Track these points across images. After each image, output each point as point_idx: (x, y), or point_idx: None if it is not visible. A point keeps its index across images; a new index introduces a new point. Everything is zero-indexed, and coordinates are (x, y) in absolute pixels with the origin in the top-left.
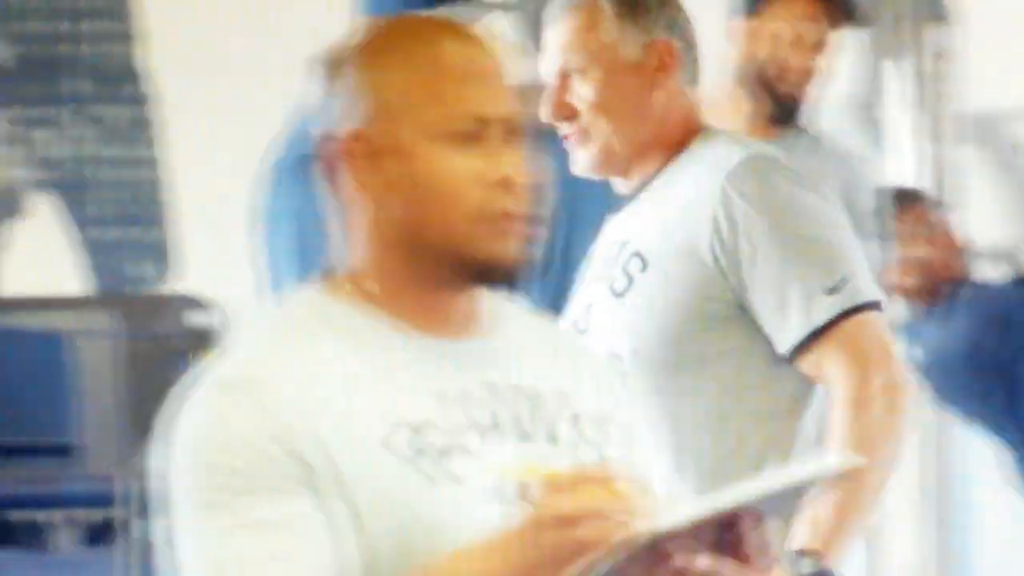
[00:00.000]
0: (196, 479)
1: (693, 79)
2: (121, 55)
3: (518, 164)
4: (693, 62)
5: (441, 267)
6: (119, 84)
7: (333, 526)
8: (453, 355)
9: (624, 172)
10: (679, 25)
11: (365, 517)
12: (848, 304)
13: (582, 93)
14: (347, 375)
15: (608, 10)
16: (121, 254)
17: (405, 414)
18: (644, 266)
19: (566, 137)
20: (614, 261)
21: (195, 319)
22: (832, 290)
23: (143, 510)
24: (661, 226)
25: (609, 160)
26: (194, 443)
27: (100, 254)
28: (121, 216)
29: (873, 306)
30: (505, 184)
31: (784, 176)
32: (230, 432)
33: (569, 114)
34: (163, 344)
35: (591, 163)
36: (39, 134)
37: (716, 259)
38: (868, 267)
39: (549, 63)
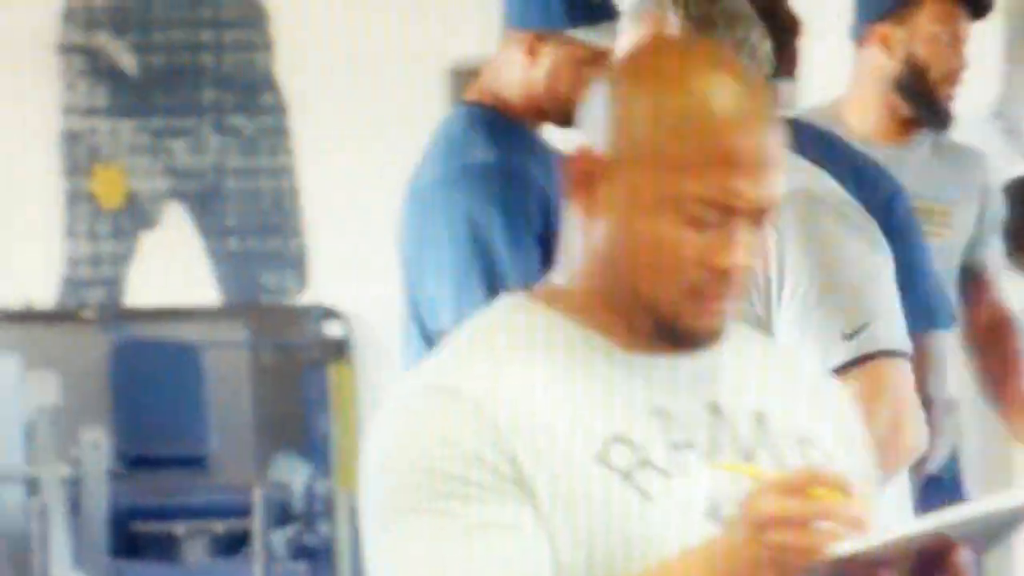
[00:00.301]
0: (404, 484)
1: None
2: (259, 65)
3: (747, 250)
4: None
5: (642, 317)
6: (256, 94)
7: (545, 534)
8: (668, 372)
9: None
10: (748, 43)
11: (574, 527)
12: (863, 351)
13: None
14: (561, 388)
15: (673, 24)
16: (256, 264)
17: (620, 429)
18: None
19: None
20: None
21: (329, 330)
22: (850, 336)
23: (275, 520)
24: None
25: None
26: (402, 449)
27: (235, 264)
28: (257, 226)
29: (892, 354)
30: (729, 271)
31: (826, 213)
32: (443, 437)
33: None
34: (297, 355)
35: None
36: (176, 144)
37: (772, 286)
38: (896, 314)
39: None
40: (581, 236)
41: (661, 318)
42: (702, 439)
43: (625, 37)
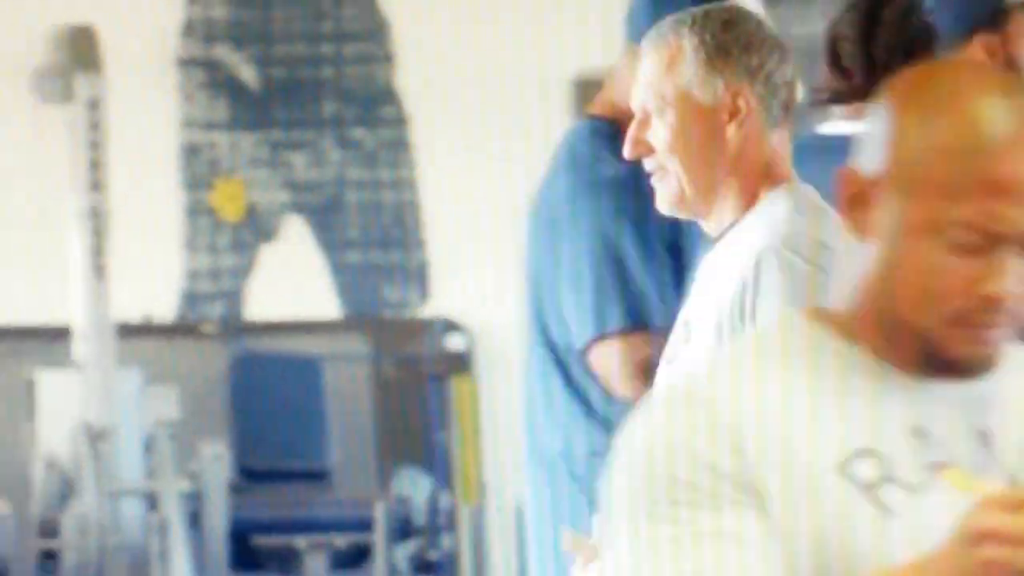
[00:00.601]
0: (640, 489)
1: (777, 123)
2: (379, 77)
3: (1015, 278)
4: (780, 105)
5: (910, 342)
6: (377, 106)
7: (776, 544)
8: (934, 396)
9: (699, 214)
10: (764, 71)
11: (806, 536)
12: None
13: (659, 132)
14: (813, 398)
15: (688, 51)
16: (377, 277)
17: (869, 443)
18: (687, 337)
19: (650, 173)
20: (678, 324)
21: (450, 343)
22: None
23: (396, 535)
24: (705, 296)
25: (682, 201)
26: (641, 454)
27: (356, 277)
28: (378, 239)
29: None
30: (995, 299)
31: (802, 264)
32: (678, 444)
33: (646, 151)
34: (418, 368)
35: (667, 202)
36: (296, 157)
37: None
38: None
39: (635, 97)
40: (854, 258)
41: (927, 345)
42: (964, 463)
43: (645, 63)
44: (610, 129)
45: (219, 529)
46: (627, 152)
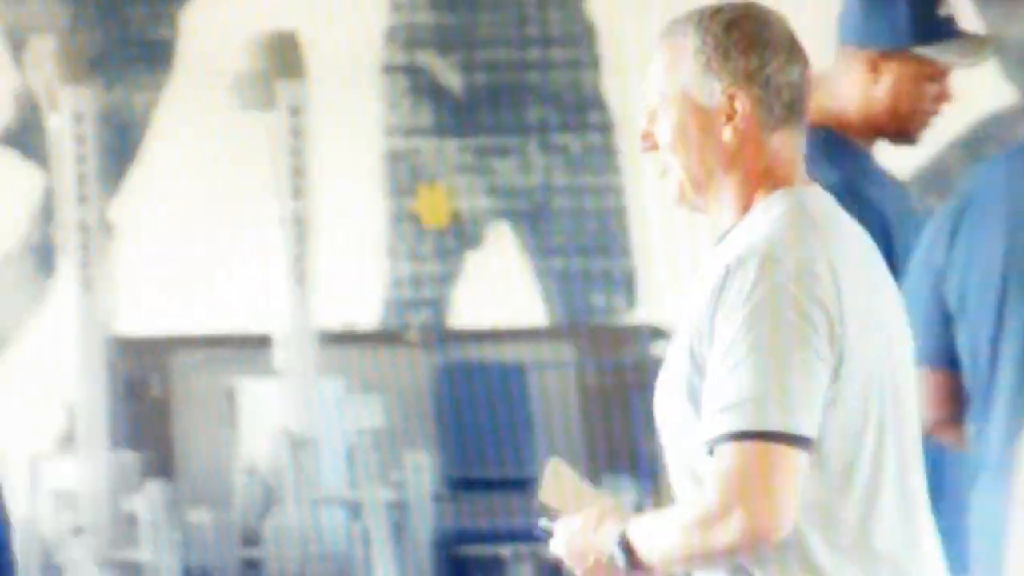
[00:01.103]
0: None
1: (779, 125)
2: (586, 82)
3: None
4: (783, 106)
5: None
6: (583, 112)
7: None
8: None
9: (701, 211)
10: (765, 72)
11: None
12: (730, 428)
13: (662, 130)
14: None
15: (689, 51)
16: (584, 284)
17: None
18: (673, 338)
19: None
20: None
21: (657, 350)
22: (724, 409)
23: None
24: (690, 298)
25: (683, 198)
26: None
27: (562, 284)
28: (584, 246)
29: (774, 437)
30: None
31: (774, 279)
32: None
33: (653, 146)
34: (625, 375)
35: (673, 198)
36: (501, 163)
37: (701, 343)
38: (799, 397)
39: (645, 92)
40: None
41: None
42: None
43: (654, 60)
44: (821, 135)
45: (423, 539)
46: (640, 146)
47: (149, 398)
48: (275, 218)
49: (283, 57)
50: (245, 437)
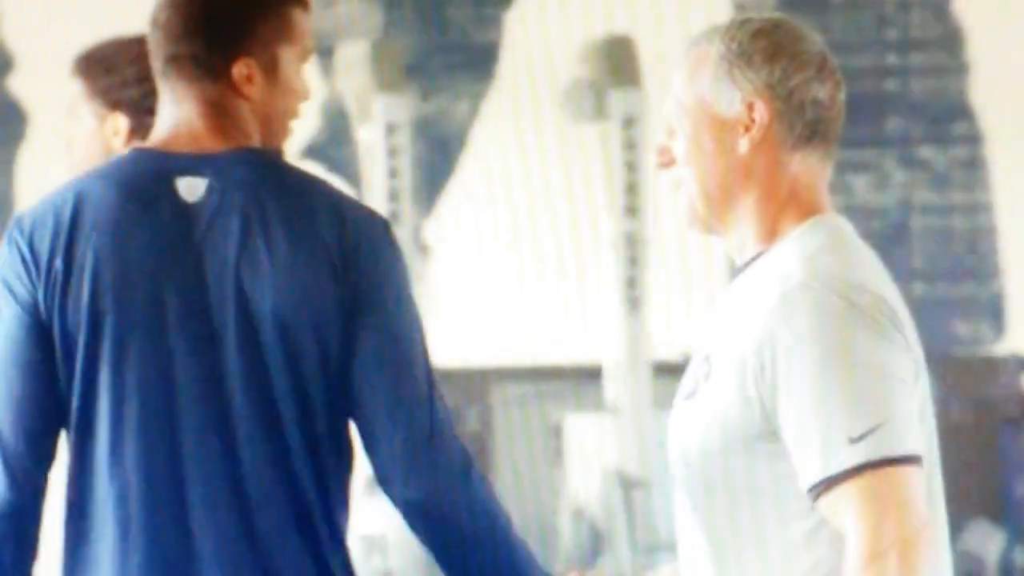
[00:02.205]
0: None
1: (800, 144)
2: (951, 90)
3: None
4: (805, 125)
5: None
6: (948, 122)
7: None
8: None
9: (715, 232)
10: (788, 84)
11: None
12: (870, 457)
13: (678, 143)
14: None
15: (713, 58)
16: (946, 311)
17: None
18: (708, 373)
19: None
20: (698, 357)
21: None
22: (855, 440)
23: None
24: (728, 330)
25: (695, 217)
26: None
27: (922, 311)
28: (947, 269)
29: (903, 460)
30: None
31: (840, 304)
32: None
33: (669, 162)
34: (991, 411)
35: (685, 217)
36: (857, 179)
37: (757, 380)
38: (911, 417)
39: (667, 105)
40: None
41: None
42: None
43: (679, 70)
44: None
45: None
46: (656, 161)
47: (467, 433)
48: (606, 239)
49: (617, 64)
50: (572, 477)
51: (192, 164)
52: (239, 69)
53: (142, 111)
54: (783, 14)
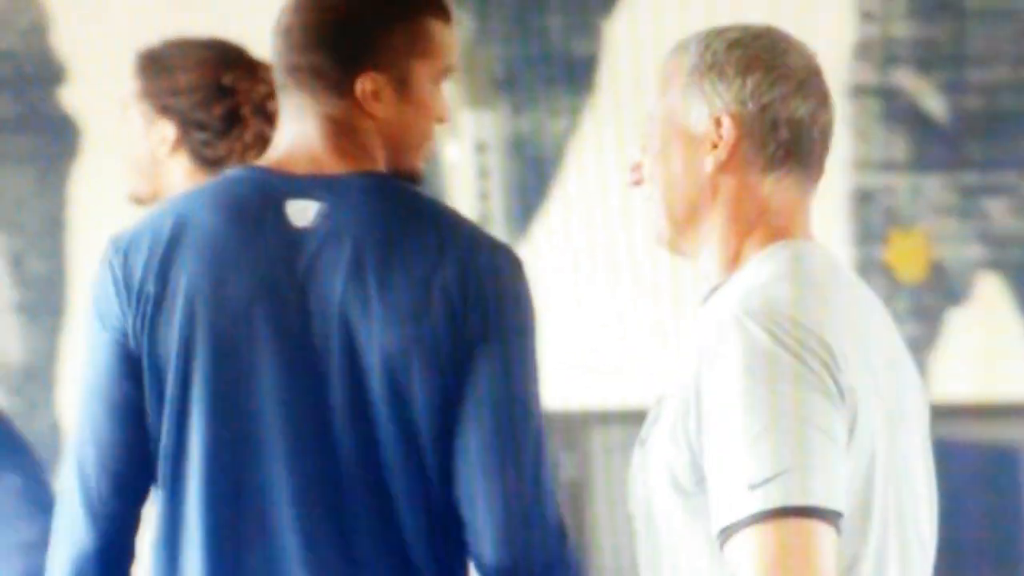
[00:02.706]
0: None
1: (773, 166)
2: None
3: None
4: (779, 145)
5: None
6: None
7: None
8: None
9: (682, 253)
10: (762, 100)
11: None
12: (766, 505)
13: (648, 158)
14: None
15: (686, 68)
16: None
17: None
18: (658, 416)
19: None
20: (655, 401)
21: None
22: (755, 486)
23: None
24: (678, 368)
25: (660, 237)
26: None
27: None
28: None
29: (807, 512)
30: None
31: (766, 341)
32: None
33: (639, 179)
34: None
35: (652, 234)
36: (993, 204)
37: (686, 422)
38: (828, 467)
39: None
40: None
41: None
42: None
43: (653, 86)
44: None
45: None
46: (629, 179)
47: (564, 481)
48: None
49: None
50: None
51: (306, 186)
52: (363, 84)
53: (190, 123)
54: (917, 20)
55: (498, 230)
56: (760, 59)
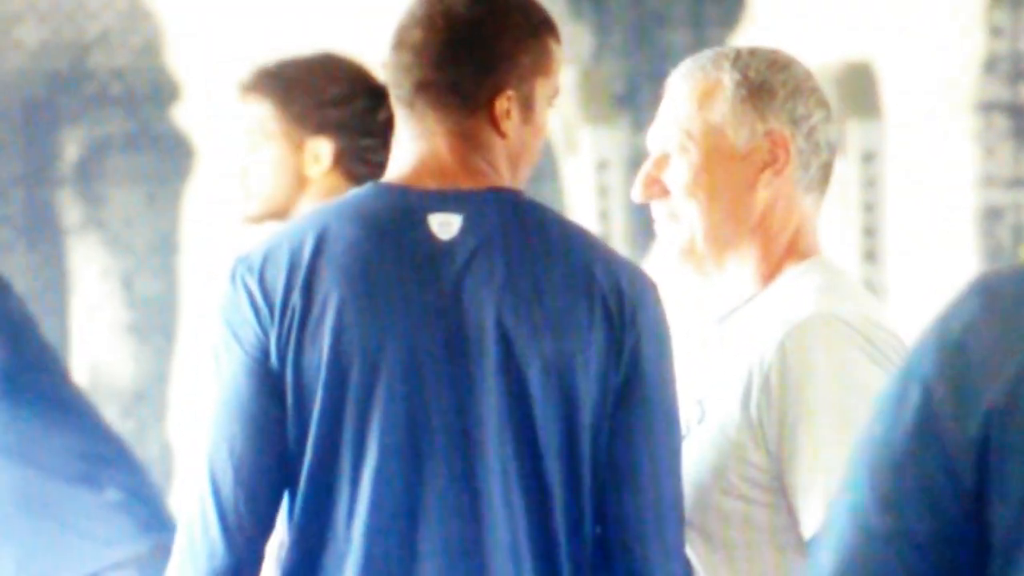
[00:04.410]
0: None
1: (812, 187)
2: None
3: None
4: (819, 167)
5: None
6: None
7: None
8: None
9: (706, 272)
10: (809, 122)
11: None
12: None
13: (678, 172)
14: None
15: (728, 87)
16: None
17: None
18: (702, 416)
19: (654, 220)
20: (686, 401)
21: None
22: None
23: None
24: (723, 373)
25: (691, 254)
26: None
27: None
28: None
29: None
30: None
31: (851, 345)
32: None
33: (659, 193)
34: None
35: (674, 253)
36: None
37: (761, 424)
38: None
39: (655, 134)
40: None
41: None
42: None
43: (672, 96)
44: None
45: None
46: (636, 194)
47: None
48: None
49: (855, 92)
50: None
51: (443, 201)
52: (501, 103)
53: (355, 133)
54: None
55: (619, 249)
56: (802, 82)
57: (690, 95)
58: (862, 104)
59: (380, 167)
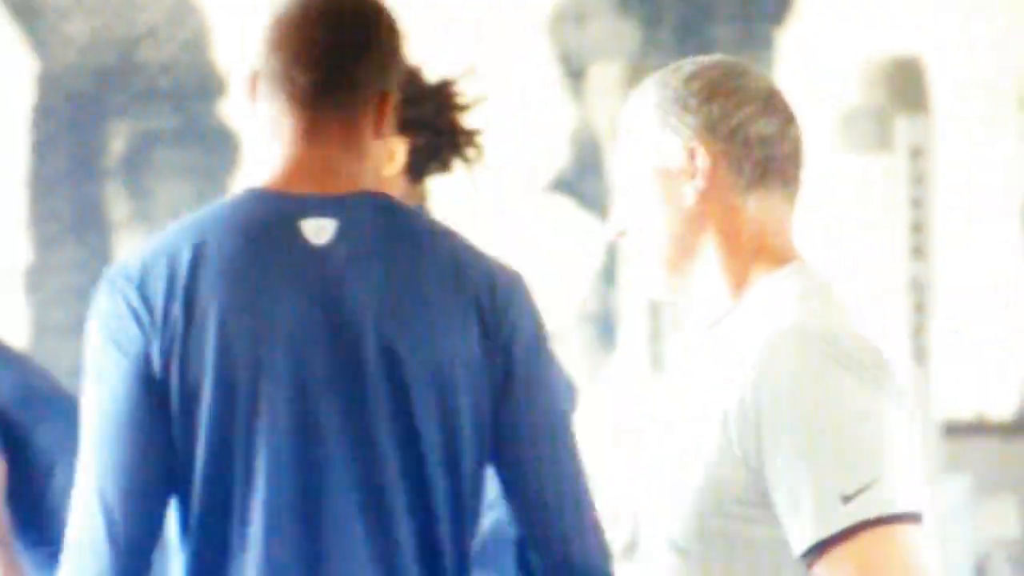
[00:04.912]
0: None
1: (753, 186)
2: None
3: None
4: (754, 165)
5: None
6: None
7: None
8: None
9: (680, 293)
10: (729, 123)
11: None
12: (865, 516)
13: (625, 207)
14: None
15: (648, 113)
16: None
17: None
18: (686, 433)
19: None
20: (672, 416)
21: None
22: (849, 498)
23: None
24: (699, 391)
25: (656, 283)
26: None
27: None
28: None
29: (902, 518)
30: None
31: (828, 350)
32: None
33: (620, 232)
34: None
35: (647, 286)
36: None
37: (741, 437)
38: (908, 471)
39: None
40: None
41: None
42: None
43: (628, 105)
44: None
45: None
46: (606, 233)
47: None
48: (891, 282)
49: (903, 88)
50: None
51: (317, 206)
52: (386, 104)
53: (426, 133)
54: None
55: None
56: (720, 84)
57: (625, 132)
58: (911, 100)
59: (445, 167)
